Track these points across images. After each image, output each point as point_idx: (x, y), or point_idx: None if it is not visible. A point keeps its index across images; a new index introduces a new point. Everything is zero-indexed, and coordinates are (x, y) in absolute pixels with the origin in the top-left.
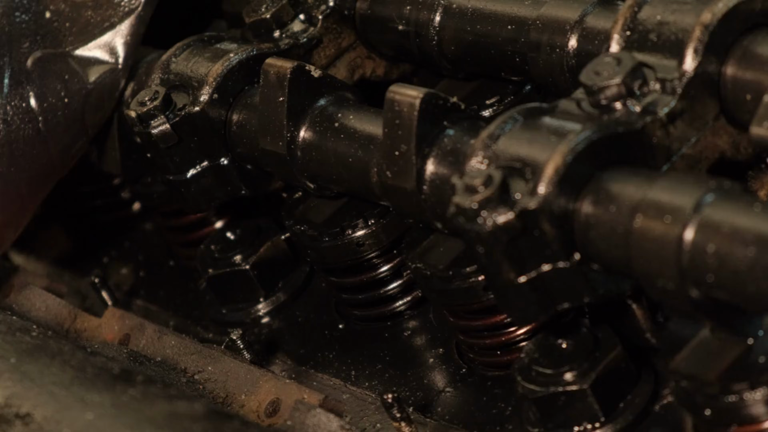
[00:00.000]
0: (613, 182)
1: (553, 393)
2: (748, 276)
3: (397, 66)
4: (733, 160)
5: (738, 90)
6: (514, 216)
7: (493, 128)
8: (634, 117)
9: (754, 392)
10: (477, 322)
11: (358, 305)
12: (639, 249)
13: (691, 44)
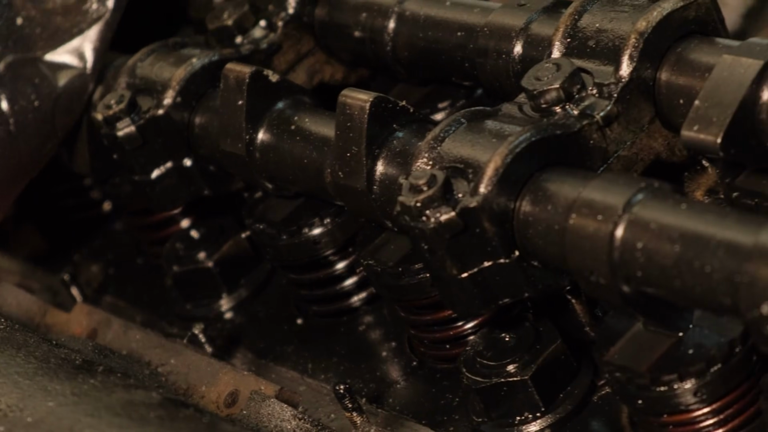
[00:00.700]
0: (550, 182)
1: (495, 384)
2: (674, 271)
3: (355, 71)
4: (669, 162)
5: (672, 94)
6: (456, 214)
7: (438, 131)
8: (572, 120)
9: (683, 383)
10: (426, 317)
11: (316, 301)
12: (573, 246)
13: (627, 51)
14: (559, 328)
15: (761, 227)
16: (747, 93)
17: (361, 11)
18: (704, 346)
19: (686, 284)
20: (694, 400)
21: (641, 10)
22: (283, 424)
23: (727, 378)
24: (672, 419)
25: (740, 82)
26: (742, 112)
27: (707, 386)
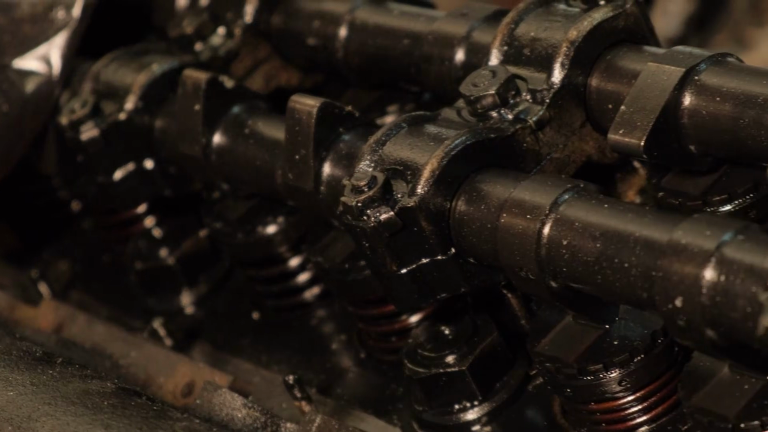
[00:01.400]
0: (484, 183)
1: (435, 374)
2: (596, 267)
3: (310, 76)
4: (600, 164)
5: (601, 100)
6: (395, 214)
7: (380, 135)
8: (506, 124)
9: (608, 372)
10: (372, 312)
11: (271, 296)
12: (504, 243)
13: (559, 59)
14: (497, 321)
15: (676, 225)
16: (669, 98)
17: (314, 19)
18: (629, 338)
19: (607, 279)
20: (620, 389)
21: (573, 19)
22: (234, 413)
23: (650, 368)
24: (599, 407)
25: (663, 88)
26: (665, 116)
27: (631, 375)
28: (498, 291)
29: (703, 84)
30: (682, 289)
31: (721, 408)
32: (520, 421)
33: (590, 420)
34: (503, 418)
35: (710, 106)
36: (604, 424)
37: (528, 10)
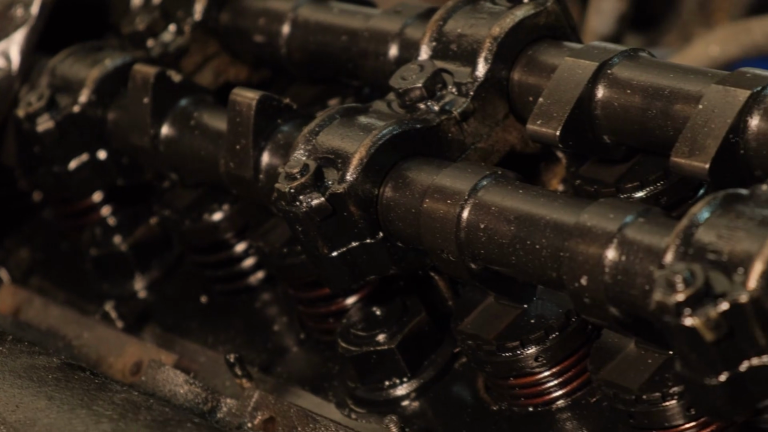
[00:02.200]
0: (410, 170)
1: (366, 352)
2: (510, 249)
3: (258, 71)
4: (524, 153)
5: (523, 92)
6: (325, 200)
7: (314, 125)
8: (432, 115)
9: (525, 349)
10: (310, 294)
11: (218, 281)
12: (426, 227)
13: (482, 53)
14: (425, 302)
15: (583, 209)
16: (583, 91)
17: (260, 17)
18: (545, 316)
19: (520, 260)
20: (536, 364)
21: (497, 17)
22: (177, 389)
23: (565, 344)
24: (517, 382)
25: (578, 81)
26: (579, 108)
27: (547, 352)
28: (426, 273)
29: (615, 77)
30: (587, 269)
31: (625, 381)
32: (447, 396)
33: (510, 394)
34: (431, 393)
35: (621, 98)
36: (522, 398)
37: (456, 8)
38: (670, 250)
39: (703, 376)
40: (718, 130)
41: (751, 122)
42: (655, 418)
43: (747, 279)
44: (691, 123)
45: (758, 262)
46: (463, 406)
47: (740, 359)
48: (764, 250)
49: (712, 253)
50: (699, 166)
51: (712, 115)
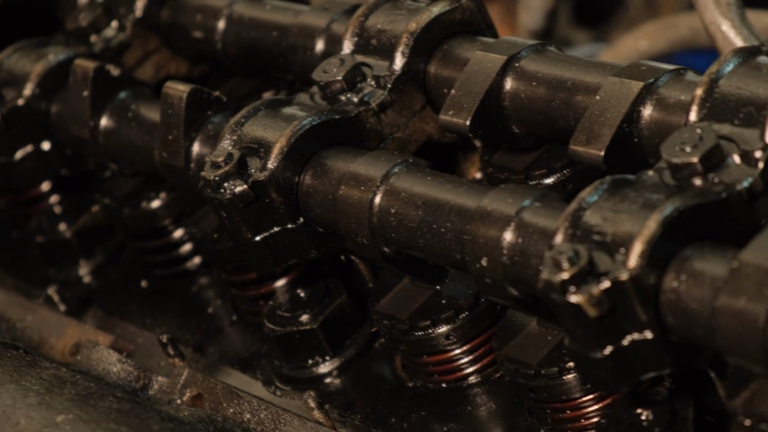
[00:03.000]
0: (328, 159)
1: (290, 332)
2: (418, 233)
3: (198, 66)
4: (442, 143)
5: (438, 85)
6: (248, 187)
7: (239, 116)
8: (351, 107)
9: (436, 328)
10: (241, 278)
11: (157, 266)
12: (342, 212)
13: (400, 48)
14: (347, 285)
15: (485, 194)
16: (492, 83)
17: (198, 13)
18: (455, 297)
19: (428, 243)
20: (447, 343)
21: (415, 13)
22: (110, 367)
23: (474, 323)
24: (431, 359)
25: (487, 74)
26: (489, 99)
27: (457, 330)
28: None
29: (522, 70)
30: (487, 251)
31: (525, 357)
32: (367, 374)
33: (424, 372)
34: (352, 371)
35: (528, 89)
36: (436, 375)
37: (377, 5)
38: (560, 232)
39: (589, 351)
40: (613, 120)
41: (644, 112)
42: (554, 391)
43: (628, 258)
44: (588, 113)
45: (638, 242)
46: (381, 383)
47: (623, 334)
48: (644, 232)
49: (598, 234)
50: (595, 153)
51: (608, 105)
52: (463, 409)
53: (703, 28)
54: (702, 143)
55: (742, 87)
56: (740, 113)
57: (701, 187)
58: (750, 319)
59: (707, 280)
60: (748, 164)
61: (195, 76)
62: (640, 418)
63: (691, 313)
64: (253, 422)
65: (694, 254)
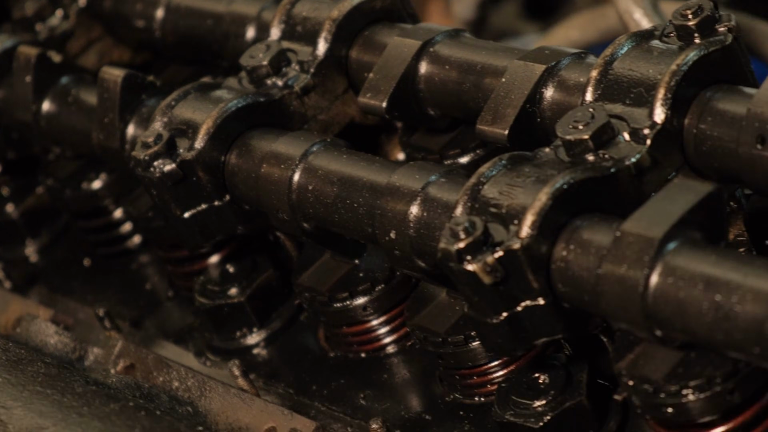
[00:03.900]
0: (252, 139)
1: (219, 305)
2: (333, 208)
3: (140, 54)
4: (365, 125)
5: (360, 69)
6: (176, 166)
7: (170, 99)
8: (275, 90)
9: (354, 300)
10: (176, 254)
11: (99, 245)
12: (264, 189)
13: (323, 34)
14: (274, 260)
15: (395, 171)
16: (408, 67)
17: (138, 3)
18: (373, 270)
19: (342, 218)
20: (365, 314)
21: (338, 1)
22: (48, 339)
23: (391, 295)
24: (350, 330)
25: (403, 58)
26: (404, 82)
27: (374, 302)
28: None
29: (436, 54)
30: (395, 224)
31: (434, 325)
32: (292, 345)
33: (344, 342)
34: (278, 342)
35: (441, 73)
36: (355, 345)
37: None
38: (459, 205)
39: (485, 316)
40: (517, 101)
41: (546, 93)
42: (461, 358)
43: (520, 229)
44: (494, 94)
45: (529, 214)
46: (305, 353)
47: (517, 301)
48: (535, 204)
49: (494, 207)
50: (499, 132)
51: (512, 87)
52: (380, 377)
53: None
54: (594, 121)
55: (633, 69)
56: (631, 93)
57: (592, 163)
58: (630, 285)
59: (593, 249)
60: (637, 141)
61: (137, 63)
62: (538, 382)
63: (579, 280)
64: (181, 390)
65: (583, 225)
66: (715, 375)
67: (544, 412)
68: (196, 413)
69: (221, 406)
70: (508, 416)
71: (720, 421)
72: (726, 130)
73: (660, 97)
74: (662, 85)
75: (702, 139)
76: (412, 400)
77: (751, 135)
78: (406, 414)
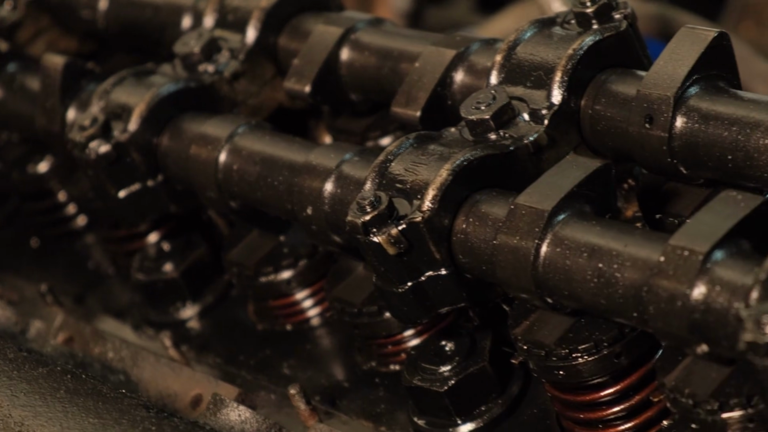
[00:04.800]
0: (183, 122)
1: (154, 280)
2: (256, 186)
3: (86, 43)
4: (294, 109)
5: (287, 56)
6: (111, 147)
7: (106, 84)
8: (206, 76)
9: (278, 274)
10: (117, 234)
11: (46, 225)
12: (193, 170)
13: (252, 22)
14: (208, 238)
15: (311, 150)
16: (330, 53)
17: None
18: (297, 246)
19: (264, 196)
20: (289, 287)
21: None
22: None
23: (313, 269)
24: (276, 303)
25: (326, 45)
26: (327, 68)
27: (297, 276)
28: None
29: (357, 42)
30: (311, 200)
31: (350, 297)
32: (223, 318)
33: (271, 315)
34: (209, 316)
35: (361, 59)
36: (281, 317)
37: None
38: (368, 181)
39: (391, 286)
40: (428, 84)
41: (456, 77)
42: (376, 328)
43: (422, 203)
44: (408, 78)
45: (431, 188)
46: (235, 326)
47: (421, 271)
48: (437, 179)
49: (400, 183)
50: (411, 114)
51: (425, 71)
52: (304, 348)
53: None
54: (495, 103)
55: (534, 53)
56: (532, 76)
57: (493, 141)
58: (522, 254)
59: (490, 222)
60: (535, 121)
61: (85, 52)
62: (444, 349)
63: (477, 251)
64: (115, 360)
65: (482, 199)
66: (602, 339)
67: (449, 377)
68: (129, 381)
69: (152, 374)
70: (416, 381)
71: (610, 383)
72: (618, 110)
73: (557, 80)
74: (559, 68)
75: (597, 119)
76: (333, 368)
77: (639, 115)
78: (326, 382)
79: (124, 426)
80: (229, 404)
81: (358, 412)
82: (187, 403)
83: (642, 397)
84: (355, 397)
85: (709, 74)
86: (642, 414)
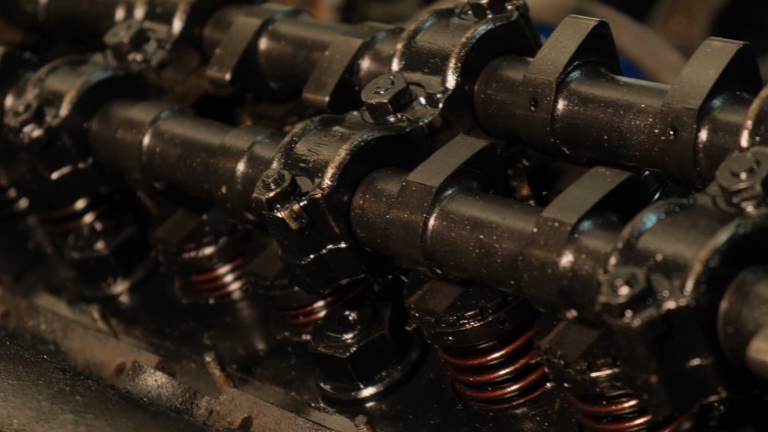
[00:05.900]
0: (112, 108)
1: (86, 257)
2: (176, 167)
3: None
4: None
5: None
6: (43, 131)
7: (41, 73)
8: (135, 64)
9: (200, 251)
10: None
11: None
12: (119, 153)
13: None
14: (138, 218)
15: (227, 133)
16: (249, 43)
17: None
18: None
19: (184, 176)
20: (211, 263)
21: None
22: None
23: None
24: (198, 278)
25: (245, 35)
26: (246, 57)
27: (218, 252)
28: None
29: (275, 32)
30: (226, 180)
31: (263, 270)
32: (151, 293)
33: (195, 289)
34: (139, 291)
35: (278, 48)
36: (204, 291)
37: None
38: (275, 161)
39: (295, 258)
40: (337, 71)
41: (363, 64)
42: (287, 300)
43: (323, 180)
44: (319, 66)
45: (330, 167)
46: (163, 301)
47: (322, 244)
48: (336, 159)
49: (303, 162)
50: (321, 99)
51: (334, 59)
52: (225, 320)
53: None
54: (393, 87)
55: (431, 42)
56: (429, 63)
57: (391, 123)
58: (412, 228)
59: (384, 198)
60: (431, 105)
61: (29, 43)
62: (348, 318)
63: (373, 225)
64: (47, 332)
65: (378, 177)
66: (488, 306)
67: (352, 344)
68: (58, 351)
69: (80, 345)
70: (321, 348)
71: (497, 348)
72: (507, 94)
73: (451, 66)
74: (453, 55)
75: (488, 102)
76: (250, 339)
77: (526, 98)
78: (243, 351)
79: (40, 386)
80: (147, 370)
81: (270, 379)
82: (112, 372)
83: (527, 360)
84: (269, 364)
85: (590, 60)
86: (528, 377)
